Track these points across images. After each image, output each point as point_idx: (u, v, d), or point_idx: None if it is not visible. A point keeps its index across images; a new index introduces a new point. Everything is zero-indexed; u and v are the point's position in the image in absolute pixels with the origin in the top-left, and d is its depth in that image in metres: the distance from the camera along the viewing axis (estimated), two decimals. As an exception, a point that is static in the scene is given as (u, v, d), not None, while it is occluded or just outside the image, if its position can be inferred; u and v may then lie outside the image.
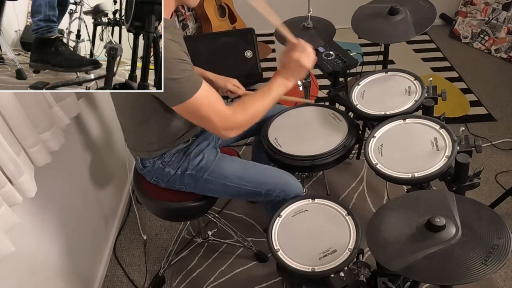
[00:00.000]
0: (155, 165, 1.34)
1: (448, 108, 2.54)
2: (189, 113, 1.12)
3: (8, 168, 1.06)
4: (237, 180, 1.33)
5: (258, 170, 1.36)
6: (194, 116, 1.13)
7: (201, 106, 1.09)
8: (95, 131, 1.83)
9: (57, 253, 1.48)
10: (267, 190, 1.33)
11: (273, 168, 1.39)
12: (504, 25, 2.94)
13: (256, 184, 1.33)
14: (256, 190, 1.34)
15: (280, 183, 1.33)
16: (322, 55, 1.79)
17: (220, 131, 1.16)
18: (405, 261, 0.85)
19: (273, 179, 1.34)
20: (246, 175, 1.34)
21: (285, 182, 1.34)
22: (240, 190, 1.34)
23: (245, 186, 1.33)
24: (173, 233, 1.99)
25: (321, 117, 1.51)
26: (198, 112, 1.10)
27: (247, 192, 1.34)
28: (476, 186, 1.15)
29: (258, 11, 1.17)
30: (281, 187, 1.32)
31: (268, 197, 1.34)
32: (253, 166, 1.38)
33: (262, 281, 1.74)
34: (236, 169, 1.35)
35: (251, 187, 1.33)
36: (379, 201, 2.02)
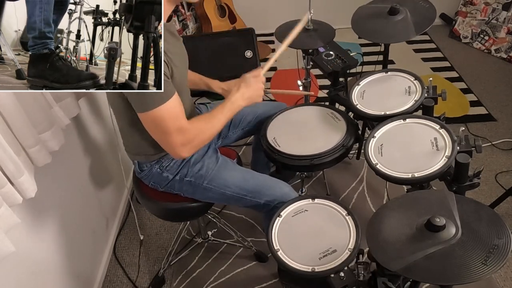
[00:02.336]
0: (152, 170, 1.34)
1: (448, 108, 2.54)
2: (154, 123, 1.09)
3: (8, 168, 1.06)
4: (237, 190, 1.33)
5: (257, 181, 1.36)
6: (157, 129, 1.11)
7: (166, 119, 1.07)
8: (95, 131, 1.83)
9: (57, 253, 1.48)
10: (265, 200, 1.33)
11: (273, 178, 1.39)
12: (504, 25, 2.94)
13: (255, 195, 1.33)
14: (255, 200, 1.34)
15: (279, 194, 1.33)
16: (322, 55, 1.79)
17: (175, 149, 1.14)
18: (405, 261, 0.85)
19: (272, 190, 1.33)
20: (246, 186, 1.34)
21: (284, 194, 1.33)
22: (239, 199, 1.34)
23: (245, 196, 1.34)
24: (173, 233, 1.99)
25: (319, 116, 1.51)
26: (162, 123, 1.08)
27: (245, 202, 1.35)
28: (476, 186, 1.15)
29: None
30: (280, 199, 1.32)
31: (266, 207, 1.34)
32: (252, 176, 1.38)
33: (262, 281, 1.74)
34: (236, 179, 1.34)
35: (250, 197, 1.33)
36: (379, 201, 2.02)
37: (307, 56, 1.80)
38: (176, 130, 1.10)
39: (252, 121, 1.60)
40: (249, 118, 1.60)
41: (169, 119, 1.08)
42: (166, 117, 1.07)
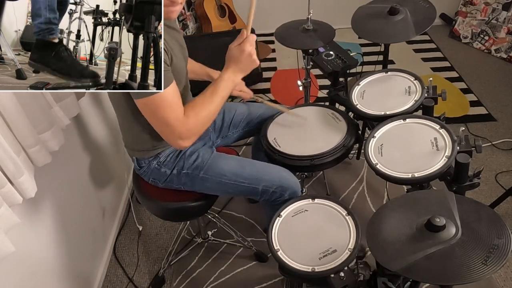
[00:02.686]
0: (151, 166, 1.34)
1: (448, 108, 2.54)
2: (150, 111, 1.09)
3: (8, 168, 1.06)
4: (234, 177, 1.33)
5: (254, 167, 1.36)
6: (154, 116, 1.10)
7: (163, 106, 1.07)
8: (95, 131, 1.83)
9: (57, 253, 1.48)
10: (263, 186, 1.33)
11: (270, 165, 1.39)
12: (504, 25, 2.94)
13: (252, 181, 1.33)
14: (253, 186, 1.33)
15: (277, 179, 1.33)
16: (322, 55, 1.79)
17: (176, 139, 1.14)
18: (405, 261, 0.85)
19: (270, 175, 1.33)
20: (243, 172, 1.33)
21: (282, 178, 1.33)
22: (237, 187, 1.34)
23: (242, 183, 1.33)
24: (173, 233, 1.99)
25: (320, 117, 1.51)
26: (160, 112, 1.07)
27: (244, 189, 1.34)
28: (476, 186, 1.15)
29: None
30: (278, 183, 1.32)
31: (265, 194, 1.34)
32: (249, 163, 1.38)
33: (262, 281, 1.74)
34: (232, 166, 1.34)
35: (248, 183, 1.33)
36: (379, 201, 2.02)
37: (307, 56, 1.80)
38: (174, 119, 1.10)
39: (253, 122, 1.60)
40: (249, 119, 1.60)
41: (167, 106, 1.07)
42: (164, 104, 1.07)
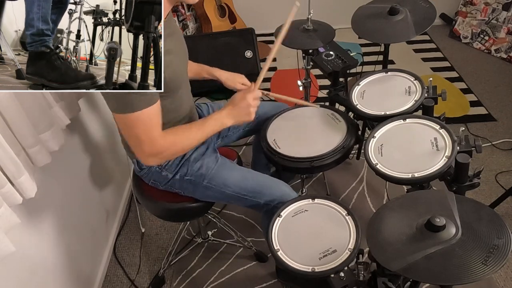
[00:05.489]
0: (151, 168, 1.34)
1: (448, 108, 2.54)
2: (126, 126, 1.05)
3: (8, 168, 1.06)
4: (237, 189, 1.33)
5: (257, 181, 1.35)
6: (128, 132, 1.07)
7: (139, 126, 1.03)
8: (95, 131, 1.83)
9: (57, 253, 1.48)
10: (265, 201, 1.33)
11: (272, 178, 1.39)
12: (504, 25, 2.94)
13: (255, 195, 1.33)
14: (255, 200, 1.33)
15: (278, 194, 1.33)
16: (322, 55, 1.79)
17: (143, 157, 1.11)
18: (405, 261, 0.85)
19: (271, 190, 1.33)
20: (246, 186, 1.33)
21: (284, 194, 1.33)
22: (239, 199, 1.34)
23: (244, 196, 1.33)
24: (173, 233, 1.99)
25: (320, 117, 1.51)
26: (134, 129, 1.04)
27: (246, 202, 1.35)
28: (476, 186, 1.15)
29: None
30: (279, 199, 1.32)
31: (266, 207, 1.34)
32: (252, 176, 1.37)
33: (262, 281, 1.74)
34: (236, 179, 1.34)
35: (251, 197, 1.33)
36: (379, 201, 2.02)
37: (307, 56, 1.80)
38: (147, 139, 1.06)
39: (253, 121, 1.59)
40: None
41: (143, 126, 1.04)
42: (139, 124, 1.03)
